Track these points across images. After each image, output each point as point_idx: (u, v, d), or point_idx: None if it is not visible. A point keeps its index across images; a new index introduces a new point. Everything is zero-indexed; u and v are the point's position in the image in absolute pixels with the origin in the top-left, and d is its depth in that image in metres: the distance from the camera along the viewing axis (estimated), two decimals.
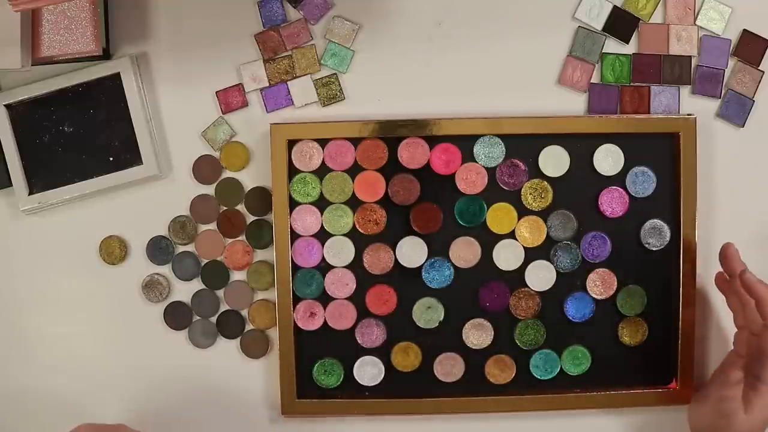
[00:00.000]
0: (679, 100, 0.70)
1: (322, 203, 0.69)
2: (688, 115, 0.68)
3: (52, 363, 0.71)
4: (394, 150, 0.69)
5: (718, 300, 0.69)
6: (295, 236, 0.69)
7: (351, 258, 0.69)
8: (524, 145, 0.68)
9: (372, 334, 0.70)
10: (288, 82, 0.70)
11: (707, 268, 0.69)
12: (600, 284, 0.69)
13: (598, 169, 0.69)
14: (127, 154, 0.69)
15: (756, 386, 0.62)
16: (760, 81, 0.70)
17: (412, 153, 0.68)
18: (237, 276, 0.71)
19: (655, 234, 0.69)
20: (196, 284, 0.71)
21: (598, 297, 0.70)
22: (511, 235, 0.69)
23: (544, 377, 0.70)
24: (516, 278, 0.69)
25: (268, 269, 0.70)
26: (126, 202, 0.70)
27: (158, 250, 0.71)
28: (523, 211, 0.69)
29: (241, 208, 0.70)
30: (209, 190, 0.70)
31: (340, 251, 0.69)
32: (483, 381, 0.70)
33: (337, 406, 0.70)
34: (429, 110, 0.69)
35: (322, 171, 0.69)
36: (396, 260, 0.69)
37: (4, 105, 0.68)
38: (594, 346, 0.70)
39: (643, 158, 0.69)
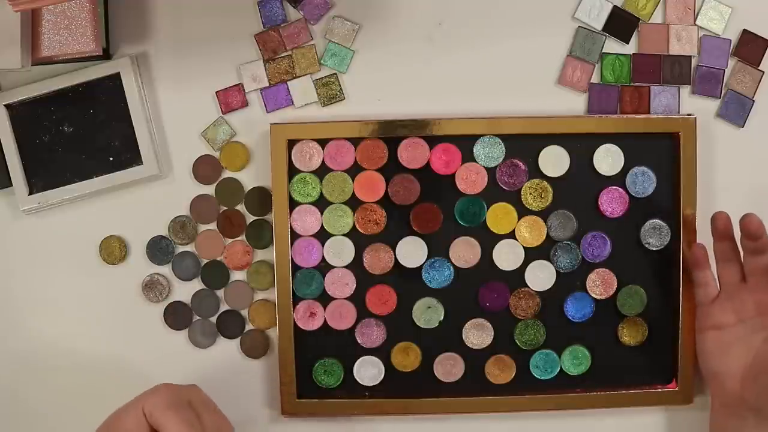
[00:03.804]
0: (679, 100, 0.70)
1: (322, 203, 0.69)
2: (688, 115, 0.68)
3: (52, 363, 0.71)
4: (394, 150, 0.69)
5: None
6: (295, 236, 0.69)
7: (351, 258, 0.69)
8: (524, 145, 0.68)
9: (372, 334, 0.70)
10: (288, 82, 0.70)
11: None
12: (600, 284, 0.69)
13: (598, 169, 0.69)
14: (127, 154, 0.69)
15: None
16: (760, 81, 0.70)
17: (412, 153, 0.68)
18: (237, 276, 0.71)
19: (655, 234, 0.69)
20: (196, 284, 0.71)
21: (598, 297, 0.70)
22: (511, 235, 0.69)
23: (544, 377, 0.70)
24: (516, 278, 0.69)
25: (268, 269, 0.70)
26: (126, 202, 0.70)
27: (158, 250, 0.71)
28: (523, 211, 0.69)
29: (241, 208, 0.70)
30: (209, 190, 0.70)
31: (340, 251, 0.69)
32: (483, 381, 0.70)
33: (337, 406, 0.70)
34: (429, 110, 0.69)
35: (322, 171, 0.69)
36: (396, 260, 0.69)
37: (4, 105, 0.68)
38: (594, 346, 0.70)
39: (643, 158, 0.69)
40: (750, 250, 0.63)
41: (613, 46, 0.70)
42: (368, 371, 0.70)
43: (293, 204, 0.69)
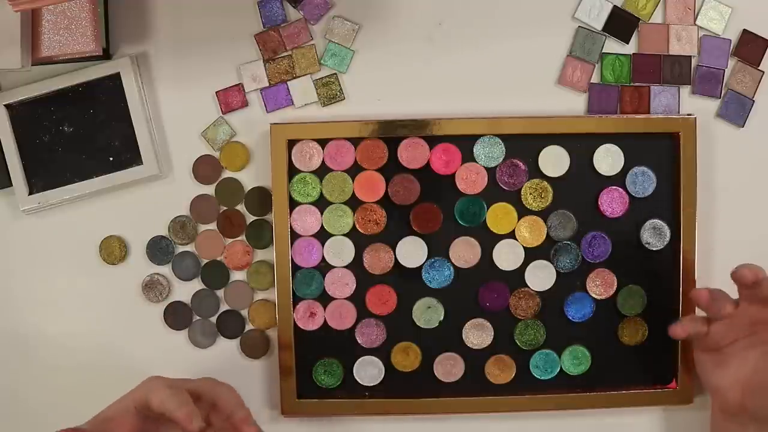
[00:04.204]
0: (679, 100, 0.70)
1: (322, 203, 0.69)
2: (688, 115, 0.68)
3: (52, 363, 0.71)
4: (394, 150, 0.69)
5: None
6: (295, 236, 0.69)
7: (351, 258, 0.69)
8: (524, 145, 0.68)
9: (372, 334, 0.70)
10: (288, 82, 0.70)
11: (707, 268, 0.69)
12: (600, 284, 0.69)
13: (598, 169, 0.69)
14: (127, 154, 0.69)
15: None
16: (760, 81, 0.70)
17: (412, 153, 0.68)
18: (237, 276, 0.71)
19: (655, 234, 0.69)
20: (196, 284, 0.71)
21: (598, 297, 0.70)
22: (511, 235, 0.69)
23: (544, 377, 0.70)
24: (516, 278, 0.69)
25: (268, 269, 0.70)
26: (126, 202, 0.70)
27: (158, 250, 0.71)
28: (523, 211, 0.69)
29: (241, 208, 0.70)
30: (209, 190, 0.70)
31: (340, 251, 0.69)
32: (483, 381, 0.70)
33: (337, 406, 0.70)
34: (429, 110, 0.69)
35: (322, 171, 0.69)
36: (396, 260, 0.69)
37: (4, 105, 0.68)
38: (594, 346, 0.70)
39: (643, 158, 0.69)
40: (746, 296, 0.62)
41: (613, 46, 0.70)
42: (368, 371, 0.70)
43: (293, 204, 0.69)
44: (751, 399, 0.62)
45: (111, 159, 0.69)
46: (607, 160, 0.69)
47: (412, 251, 0.69)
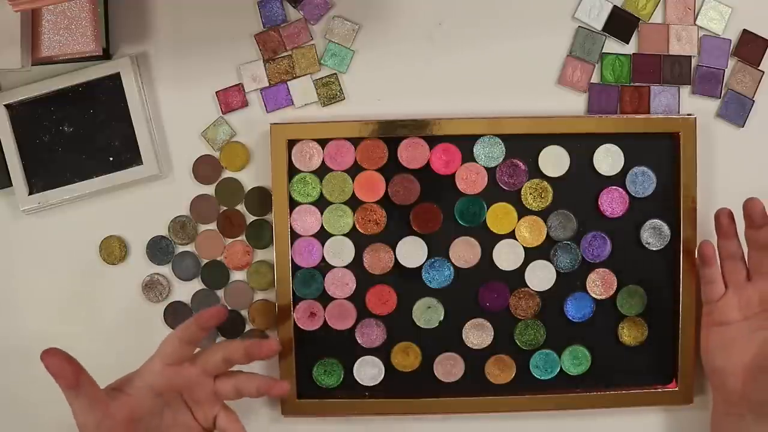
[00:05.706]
0: (679, 100, 0.70)
1: (322, 203, 0.69)
2: (688, 115, 0.68)
3: None
4: (394, 150, 0.69)
5: None
6: (295, 236, 0.69)
7: (351, 258, 0.69)
8: (524, 145, 0.68)
9: (372, 334, 0.70)
10: (288, 82, 0.70)
11: None
12: (600, 284, 0.69)
13: (598, 169, 0.69)
14: (127, 154, 0.69)
15: None
16: (760, 81, 0.70)
17: (412, 153, 0.68)
18: (237, 276, 0.71)
19: (655, 234, 0.69)
20: (196, 284, 0.71)
21: (598, 297, 0.70)
22: (511, 235, 0.69)
23: (544, 377, 0.70)
24: (516, 278, 0.69)
25: (268, 269, 0.70)
26: (126, 202, 0.70)
27: (158, 250, 0.71)
28: (523, 211, 0.69)
29: (241, 208, 0.70)
30: (209, 190, 0.70)
31: (340, 251, 0.69)
32: (483, 381, 0.70)
33: (337, 406, 0.70)
34: (429, 110, 0.69)
35: (322, 171, 0.69)
36: (396, 260, 0.69)
37: (4, 105, 0.68)
38: (594, 346, 0.70)
39: (643, 158, 0.69)
40: (754, 243, 0.63)
41: (613, 46, 0.70)
42: (368, 371, 0.70)
43: (293, 204, 0.69)
44: (750, 382, 0.63)
45: (111, 159, 0.69)
46: (607, 160, 0.69)
47: (412, 251, 0.69)
